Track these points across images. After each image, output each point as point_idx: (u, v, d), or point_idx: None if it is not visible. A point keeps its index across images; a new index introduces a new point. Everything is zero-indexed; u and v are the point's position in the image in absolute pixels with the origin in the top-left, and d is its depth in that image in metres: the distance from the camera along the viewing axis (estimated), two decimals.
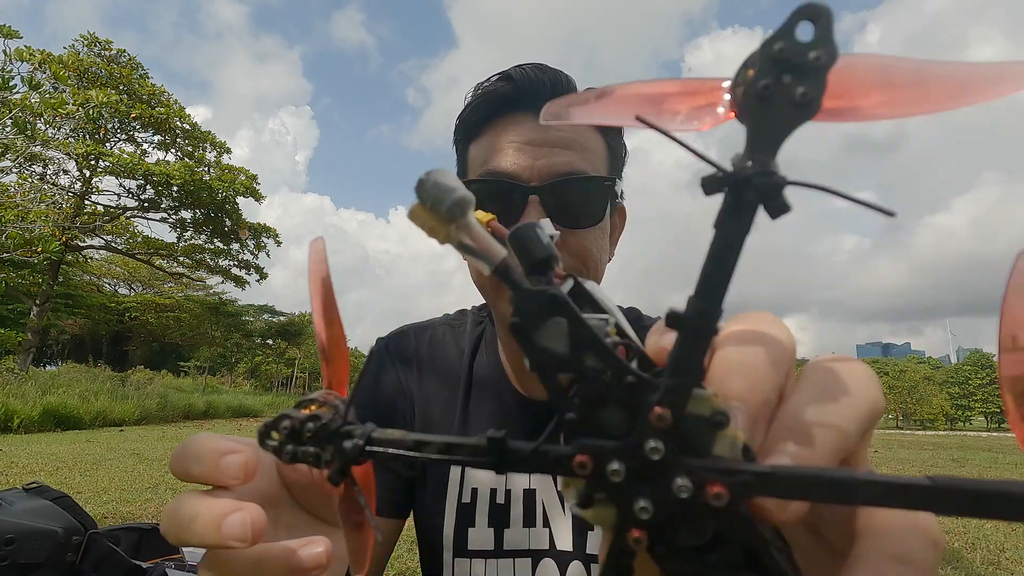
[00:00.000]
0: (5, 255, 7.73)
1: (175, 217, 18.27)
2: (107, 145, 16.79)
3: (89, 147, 15.26)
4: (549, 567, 0.70)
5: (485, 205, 0.68)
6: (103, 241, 18.30)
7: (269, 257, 20.46)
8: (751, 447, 0.20)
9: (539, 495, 0.72)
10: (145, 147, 17.87)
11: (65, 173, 16.35)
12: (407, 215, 0.22)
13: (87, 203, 16.90)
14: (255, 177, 18.49)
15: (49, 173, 15.97)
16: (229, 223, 18.52)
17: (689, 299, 0.19)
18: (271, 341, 33.82)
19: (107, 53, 16.31)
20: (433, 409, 0.77)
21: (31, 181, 14.74)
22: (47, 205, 12.70)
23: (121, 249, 19.13)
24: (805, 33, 0.17)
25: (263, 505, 0.27)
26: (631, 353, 0.23)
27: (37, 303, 15.98)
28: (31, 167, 15.35)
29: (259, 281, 20.64)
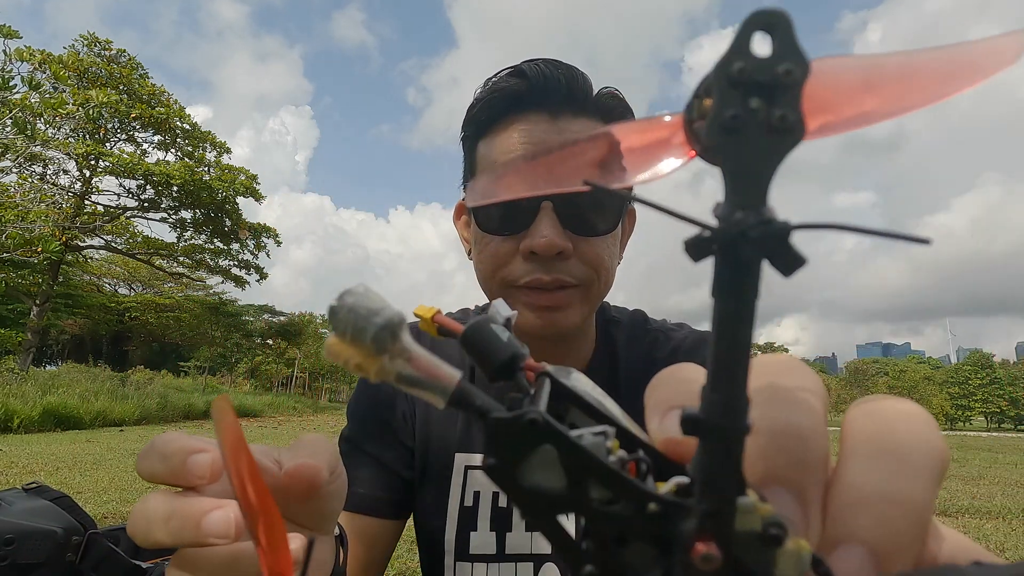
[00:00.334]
0: (5, 255, 7.72)
1: (175, 217, 18.27)
2: (107, 145, 16.79)
3: (89, 147, 15.26)
4: (551, 572, 0.69)
5: (494, 210, 0.66)
6: (103, 241, 18.30)
7: (269, 257, 20.48)
8: (821, 557, 0.16)
9: None
10: (145, 147, 17.88)
11: (65, 173, 16.37)
12: (325, 352, 0.18)
13: (87, 203, 16.90)
14: (255, 177, 18.50)
15: (49, 173, 15.97)
16: (229, 223, 18.52)
17: (703, 392, 0.15)
18: (271, 341, 33.82)
19: (107, 53, 16.31)
20: (434, 409, 0.77)
21: (31, 181, 14.74)
22: (47, 205, 12.69)
23: (121, 249, 19.13)
24: (763, 47, 0.14)
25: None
26: (643, 465, 0.19)
27: (37, 303, 15.98)
28: (31, 167, 15.35)
29: (259, 281, 20.63)
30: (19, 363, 14.21)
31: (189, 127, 17.87)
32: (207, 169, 17.95)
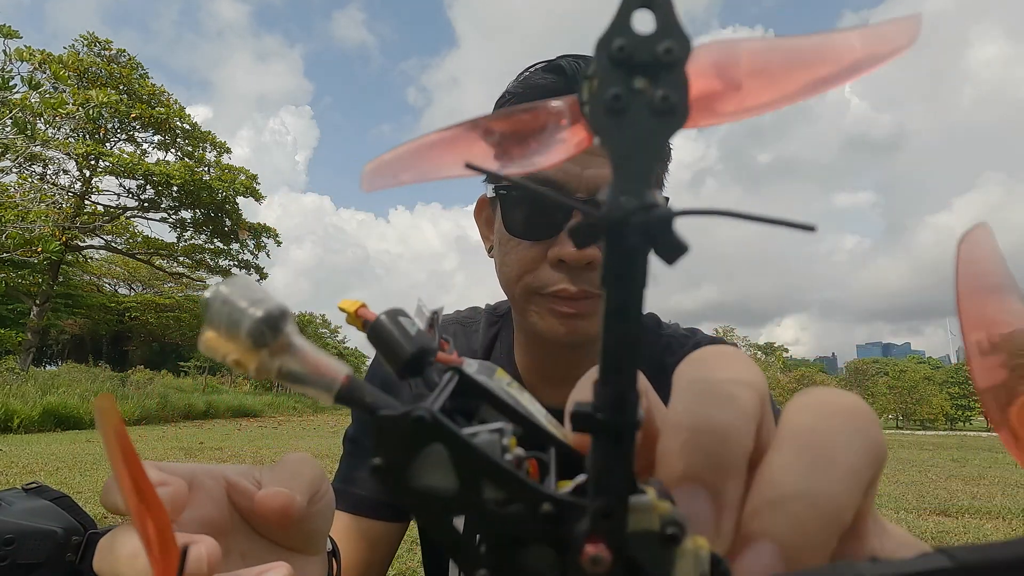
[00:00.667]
0: (5, 255, 7.72)
1: (175, 217, 18.26)
2: (107, 145, 16.78)
3: (89, 147, 15.26)
4: None
5: (523, 214, 0.65)
6: (103, 241, 18.30)
7: (269, 257, 20.47)
8: (720, 556, 0.15)
9: None
10: (145, 147, 17.88)
11: (65, 173, 16.36)
12: (200, 346, 0.17)
13: (87, 203, 16.89)
14: (255, 177, 18.50)
15: (49, 173, 15.97)
16: (229, 223, 18.51)
17: (594, 387, 0.15)
18: None
19: (107, 53, 16.31)
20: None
21: (31, 181, 14.74)
22: (47, 205, 12.69)
23: (121, 249, 19.13)
24: (644, 24, 0.14)
25: (211, 534, 0.26)
26: (545, 464, 0.18)
27: (37, 303, 15.97)
28: (31, 167, 15.34)
29: (259, 281, 20.53)
30: (19, 363, 14.21)
31: (189, 127, 17.87)
32: (207, 169, 17.95)
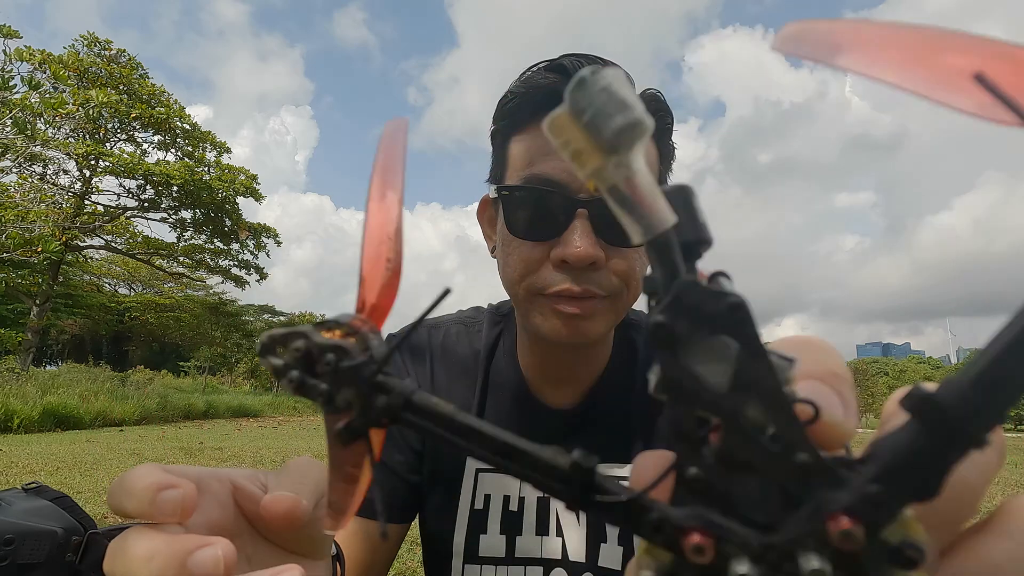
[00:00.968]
0: (5, 255, 7.72)
1: (175, 217, 18.27)
2: (107, 145, 16.79)
3: (89, 147, 15.26)
4: None
5: (525, 214, 0.64)
6: (103, 241, 18.30)
7: (269, 257, 20.50)
8: None
9: (553, 504, 0.71)
10: (145, 147, 17.88)
11: (65, 173, 16.36)
12: (545, 125, 0.15)
13: (87, 203, 16.89)
14: (255, 177, 18.50)
15: (49, 173, 15.97)
16: (229, 223, 18.52)
17: (948, 383, 0.14)
18: None
19: (107, 53, 16.31)
20: None
21: (31, 181, 14.74)
22: (47, 205, 12.70)
23: (121, 249, 19.13)
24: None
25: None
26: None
27: (37, 303, 15.98)
28: (31, 167, 15.34)
29: (259, 281, 20.64)
30: (19, 363, 14.21)
31: (189, 127, 17.88)
32: (207, 169, 17.95)
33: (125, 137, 17.50)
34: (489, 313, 0.84)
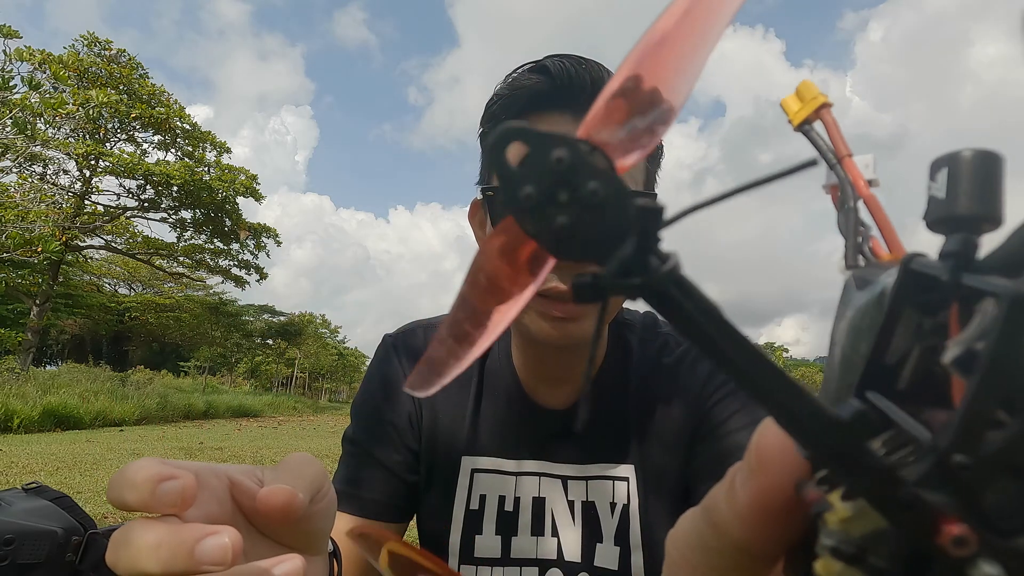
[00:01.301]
0: (5, 255, 7.73)
1: (175, 217, 18.27)
2: (107, 145, 16.79)
3: (89, 147, 15.27)
4: None
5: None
6: (103, 241, 18.30)
7: (269, 257, 20.49)
8: None
9: (548, 504, 0.71)
10: (145, 147, 17.88)
11: (65, 173, 16.36)
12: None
13: (87, 203, 16.90)
14: (255, 177, 18.50)
15: (49, 173, 15.97)
16: (229, 223, 18.52)
17: None
18: (271, 341, 33.83)
19: (107, 53, 16.31)
20: (441, 410, 0.75)
21: (31, 181, 14.74)
22: (47, 205, 12.70)
23: (121, 249, 19.13)
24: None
25: None
26: None
27: (37, 303, 15.98)
28: (31, 167, 15.35)
29: (259, 281, 20.65)
30: (19, 363, 14.22)
31: (189, 127, 17.88)
32: (207, 169, 17.95)
33: (125, 137, 17.50)
34: None
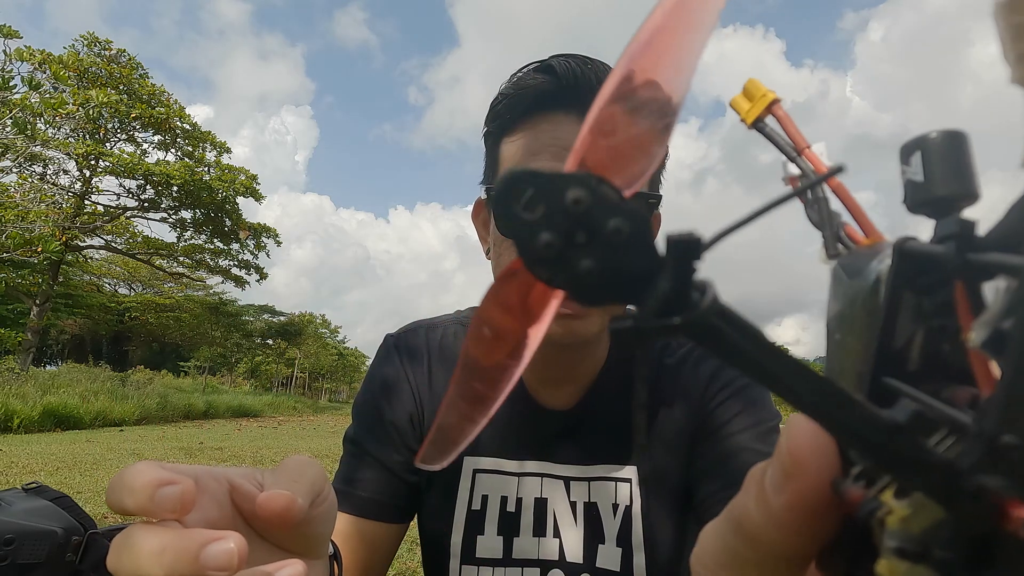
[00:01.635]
0: (5, 255, 7.73)
1: (175, 217, 18.27)
2: (107, 145, 16.79)
3: (89, 147, 15.26)
4: None
5: None
6: (103, 241, 18.30)
7: (269, 257, 20.49)
8: None
9: (550, 505, 0.71)
10: (145, 147, 17.88)
11: (65, 173, 16.36)
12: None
13: (87, 203, 16.90)
14: (255, 177, 18.50)
15: (49, 173, 15.96)
16: (229, 223, 18.52)
17: None
18: (271, 341, 33.83)
19: (107, 53, 16.31)
20: None
21: (31, 181, 14.73)
22: (47, 205, 12.70)
23: (121, 249, 19.13)
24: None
25: None
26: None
27: (37, 303, 15.98)
28: (31, 167, 15.35)
29: (259, 281, 20.66)
30: (19, 363, 14.22)
31: (189, 127, 17.88)
32: (207, 169, 17.95)
33: (125, 137, 17.50)
34: None
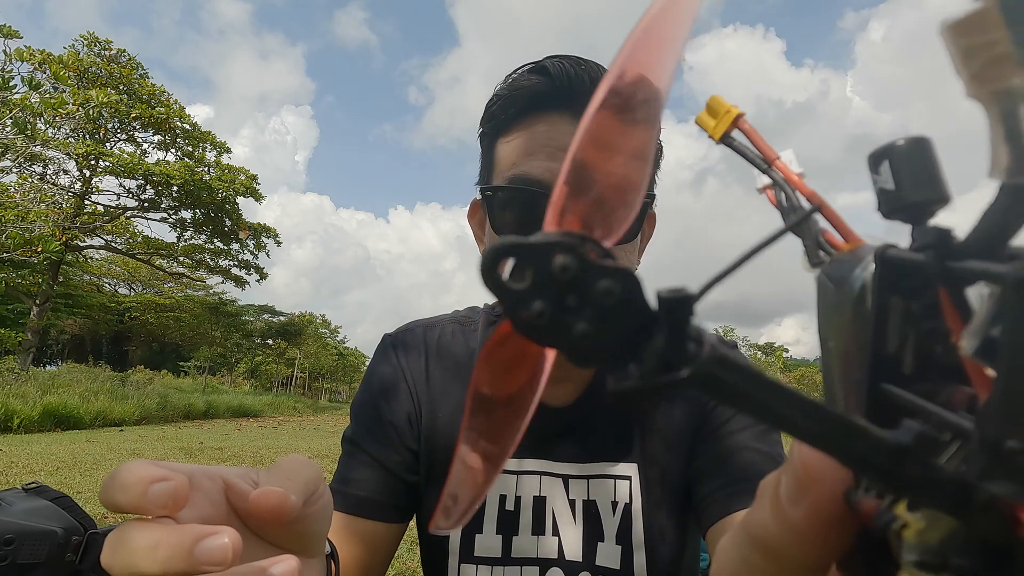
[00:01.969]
0: (5, 255, 7.73)
1: (175, 217, 18.28)
2: (107, 145, 16.79)
3: (89, 147, 15.27)
4: None
5: (510, 214, 0.64)
6: (103, 241, 18.31)
7: (269, 257, 20.51)
8: None
9: (549, 503, 0.70)
10: (145, 147, 17.88)
11: (65, 173, 16.37)
12: (959, 21, 0.13)
13: (87, 203, 16.90)
14: (255, 177, 18.51)
15: (49, 173, 15.98)
16: (229, 223, 18.53)
17: None
18: (271, 341, 33.84)
19: (107, 53, 16.31)
20: (440, 409, 0.75)
21: (31, 181, 14.74)
22: (47, 205, 12.70)
23: (121, 249, 19.14)
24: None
25: None
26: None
27: (37, 303, 15.98)
28: (31, 167, 15.36)
29: (259, 281, 20.67)
30: (19, 363, 14.22)
31: (189, 127, 17.88)
32: (207, 169, 17.96)
33: (125, 137, 17.50)
34: (485, 313, 0.83)
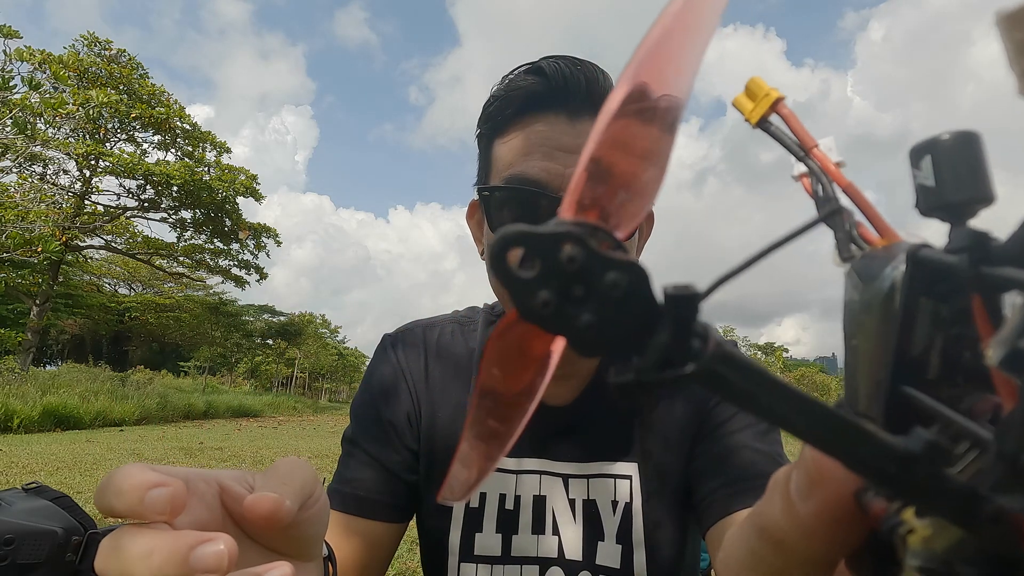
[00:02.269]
0: (5, 255, 7.73)
1: (175, 217, 18.27)
2: (107, 145, 16.78)
3: (89, 147, 15.26)
4: (557, 575, 0.68)
5: (507, 214, 0.64)
6: (103, 241, 18.31)
7: (269, 257, 20.50)
8: None
9: (549, 502, 0.71)
10: (145, 147, 17.88)
11: (65, 173, 16.37)
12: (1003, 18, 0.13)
13: (87, 203, 16.90)
14: (255, 177, 18.50)
15: (49, 173, 15.97)
16: (229, 223, 18.53)
17: None
18: (271, 341, 33.84)
19: (107, 53, 16.31)
20: (440, 409, 0.75)
21: (31, 181, 14.74)
22: (47, 205, 12.70)
23: (121, 249, 19.14)
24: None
25: None
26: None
27: (37, 303, 15.98)
28: (31, 167, 15.35)
29: (259, 281, 20.66)
30: (19, 363, 14.21)
31: (189, 127, 17.88)
32: (207, 169, 17.95)
33: (125, 137, 17.50)
34: (484, 312, 0.84)
